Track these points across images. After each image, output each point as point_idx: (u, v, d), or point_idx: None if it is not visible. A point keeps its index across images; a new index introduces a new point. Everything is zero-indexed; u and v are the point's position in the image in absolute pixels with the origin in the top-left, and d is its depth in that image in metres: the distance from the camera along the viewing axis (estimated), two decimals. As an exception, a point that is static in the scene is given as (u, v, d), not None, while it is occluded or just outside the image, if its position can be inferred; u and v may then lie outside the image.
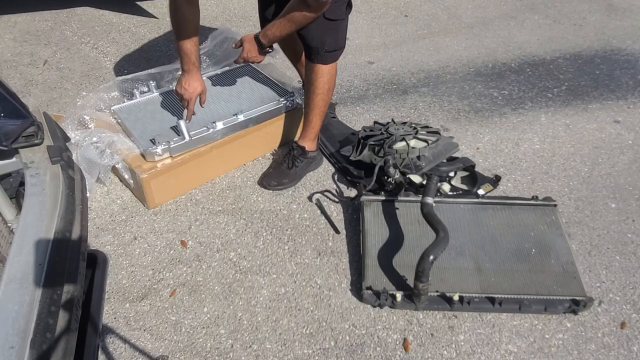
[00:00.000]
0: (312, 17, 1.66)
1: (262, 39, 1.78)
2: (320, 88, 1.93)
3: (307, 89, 1.97)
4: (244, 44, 1.83)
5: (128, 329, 1.58)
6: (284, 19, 1.69)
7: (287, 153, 2.12)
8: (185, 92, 1.89)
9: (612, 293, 1.68)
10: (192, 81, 1.88)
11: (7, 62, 2.92)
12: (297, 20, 1.67)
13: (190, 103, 1.93)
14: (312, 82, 1.93)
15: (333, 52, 1.87)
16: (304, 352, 1.52)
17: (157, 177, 1.92)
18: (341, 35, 1.86)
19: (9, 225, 1.16)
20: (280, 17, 1.70)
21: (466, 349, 1.53)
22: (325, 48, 1.83)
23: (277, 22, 1.71)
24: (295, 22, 1.68)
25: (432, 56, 3.08)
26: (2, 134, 1.01)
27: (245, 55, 1.83)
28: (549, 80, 2.83)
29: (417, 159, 1.98)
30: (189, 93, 1.89)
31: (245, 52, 1.83)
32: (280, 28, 1.72)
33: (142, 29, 3.30)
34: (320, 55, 1.85)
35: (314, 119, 2.03)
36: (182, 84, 1.88)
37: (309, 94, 1.97)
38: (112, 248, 1.84)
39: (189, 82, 1.87)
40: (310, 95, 1.96)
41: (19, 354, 0.72)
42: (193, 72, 1.87)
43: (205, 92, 1.97)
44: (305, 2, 1.61)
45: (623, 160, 2.25)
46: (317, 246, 1.85)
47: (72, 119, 2.02)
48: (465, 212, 1.85)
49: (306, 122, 2.07)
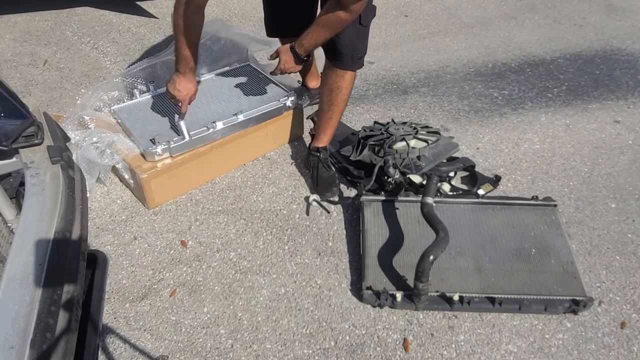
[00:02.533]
0: (348, 21, 1.61)
1: (298, 50, 1.74)
2: (346, 92, 1.95)
3: (330, 94, 1.95)
4: (280, 55, 1.79)
5: (128, 329, 1.58)
6: (318, 27, 1.65)
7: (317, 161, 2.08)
8: (179, 93, 1.88)
9: (612, 293, 1.68)
10: (185, 83, 1.87)
11: (7, 62, 2.92)
12: (333, 25, 1.63)
13: (183, 104, 1.92)
14: (339, 88, 1.92)
15: (361, 59, 1.89)
16: (304, 352, 1.52)
17: (157, 177, 1.92)
18: (367, 41, 1.88)
19: (9, 225, 1.16)
20: (314, 25, 1.66)
21: (466, 349, 1.53)
22: (358, 55, 1.85)
23: (312, 31, 1.67)
24: (330, 27, 1.63)
25: (432, 56, 3.08)
26: (2, 134, 1.01)
27: (283, 66, 1.79)
28: (549, 80, 2.83)
29: (417, 159, 1.98)
30: (182, 95, 1.88)
31: (282, 63, 1.79)
32: (316, 36, 1.68)
33: (142, 29, 3.30)
34: (352, 61, 1.86)
35: (335, 121, 2.04)
36: (176, 85, 1.86)
37: (333, 99, 1.95)
38: (112, 248, 1.84)
39: (182, 84, 1.86)
40: (334, 100, 1.95)
41: (19, 354, 0.72)
42: (188, 75, 1.86)
43: (195, 94, 1.96)
44: (341, 3, 1.55)
45: (623, 160, 2.25)
46: (317, 246, 1.85)
47: (72, 119, 2.02)
48: (465, 212, 1.85)
49: (327, 126, 2.05)
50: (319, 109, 2.05)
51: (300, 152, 2.29)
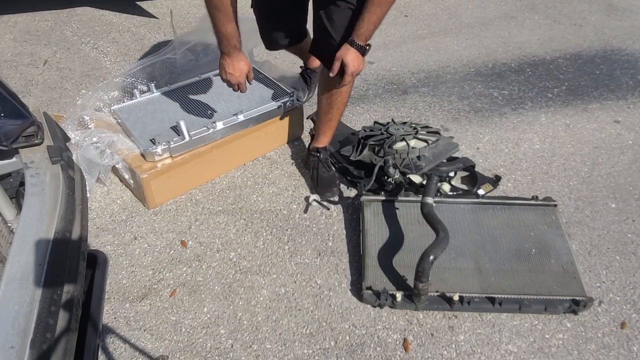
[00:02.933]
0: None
1: (359, 42, 1.63)
2: (345, 95, 1.92)
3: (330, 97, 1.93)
4: (345, 60, 1.66)
5: (128, 329, 1.58)
6: (372, 6, 1.57)
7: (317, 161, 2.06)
8: (232, 76, 1.75)
9: (612, 293, 1.68)
10: (235, 63, 1.72)
11: (7, 62, 2.92)
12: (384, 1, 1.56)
13: (240, 86, 1.79)
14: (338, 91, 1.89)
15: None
16: (304, 352, 1.52)
17: (157, 177, 1.92)
18: None
19: (9, 225, 1.16)
20: (367, 8, 1.58)
21: (466, 349, 1.53)
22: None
23: (366, 15, 1.59)
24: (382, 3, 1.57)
25: (432, 56, 3.08)
26: (2, 134, 1.01)
27: (352, 69, 1.66)
28: (549, 80, 2.83)
29: (417, 159, 1.98)
30: (235, 77, 1.75)
31: (351, 67, 1.66)
32: (373, 18, 1.59)
33: (142, 29, 3.30)
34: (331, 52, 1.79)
35: (334, 123, 2.02)
36: (226, 68, 1.73)
37: (332, 102, 1.93)
38: (112, 248, 1.84)
39: (233, 65, 1.72)
40: (334, 102, 1.93)
41: (19, 354, 0.72)
42: (235, 54, 1.71)
43: (251, 70, 1.81)
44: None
45: (623, 160, 2.25)
46: (317, 246, 1.85)
47: (72, 119, 2.02)
48: (465, 212, 1.85)
49: (327, 128, 2.03)
50: (318, 111, 2.04)
51: (300, 152, 2.29)
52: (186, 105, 2.19)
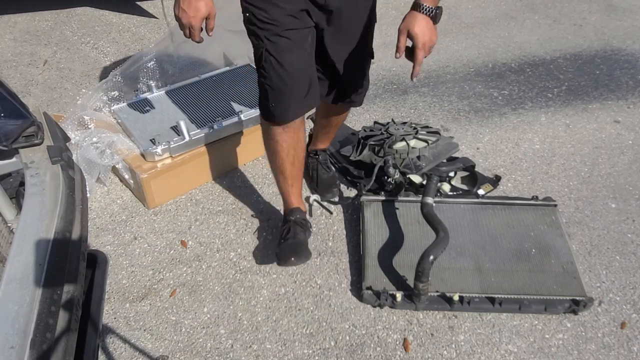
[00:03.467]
0: None
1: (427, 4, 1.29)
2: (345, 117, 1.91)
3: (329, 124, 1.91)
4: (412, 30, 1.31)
5: (128, 329, 1.58)
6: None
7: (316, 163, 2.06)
8: (184, 15, 1.33)
9: (612, 293, 1.68)
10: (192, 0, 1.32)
11: (7, 62, 2.92)
12: None
13: (193, 31, 1.36)
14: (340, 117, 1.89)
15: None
16: (304, 352, 1.52)
17: (157, 177, 1.92)
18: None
19: (9, 225, 1.16)
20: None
21: (466, 349, 1.53)
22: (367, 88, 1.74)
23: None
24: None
25: (432, 56, 3.07)
26: (2, 134, 1.01)
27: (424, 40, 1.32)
28: (549, 80, 2.83)
29: (417, 159, 1.98)
30: (188, 17, 1.33)
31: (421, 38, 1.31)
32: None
33: (142, 29, 3.30)
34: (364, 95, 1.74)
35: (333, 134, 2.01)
36: (180, 4, 1.33)
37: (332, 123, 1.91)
38: (112, 248, 1.84)
39: (188, 2, 1.32)
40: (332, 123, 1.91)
41: (19, 354, 0.72)
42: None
43: (213, 16, 1.37)
44: None
45: (623, 160, 2.25)
46: (317, 246, 1.85)
47: (72, 119, 2.03)
48: (465, 212, 1.85)
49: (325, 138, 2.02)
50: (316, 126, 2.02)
51: (300, 152, 2.29)
52: (186, 105, 2.20)
